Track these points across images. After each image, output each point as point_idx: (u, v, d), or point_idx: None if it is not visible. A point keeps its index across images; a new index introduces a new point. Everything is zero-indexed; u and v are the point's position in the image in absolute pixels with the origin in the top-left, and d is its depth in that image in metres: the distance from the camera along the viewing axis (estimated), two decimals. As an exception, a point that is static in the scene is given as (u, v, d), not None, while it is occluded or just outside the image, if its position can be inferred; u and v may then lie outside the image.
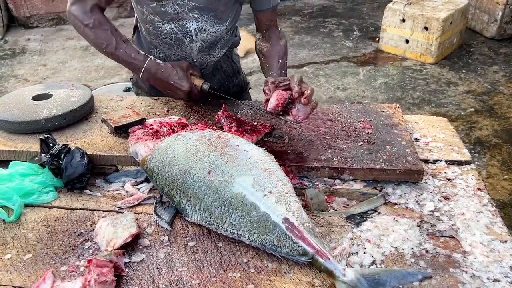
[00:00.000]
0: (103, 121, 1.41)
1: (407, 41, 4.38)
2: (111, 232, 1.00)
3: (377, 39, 4.78)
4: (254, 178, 1.05)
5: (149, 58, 1.40)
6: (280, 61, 1.44)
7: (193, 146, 1.12)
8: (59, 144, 1.20)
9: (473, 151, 3.03)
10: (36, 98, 1.46)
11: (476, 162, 2.92)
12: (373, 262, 0.96)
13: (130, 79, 1.76)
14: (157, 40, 1.48)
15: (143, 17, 1.45)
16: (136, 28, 1.61)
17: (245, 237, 0.99)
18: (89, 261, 0.90)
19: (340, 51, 4.69)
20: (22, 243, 1.03)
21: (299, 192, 1.14)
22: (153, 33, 1.47)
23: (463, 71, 4.17)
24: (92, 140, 1.33)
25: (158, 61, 1.42)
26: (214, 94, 1.43)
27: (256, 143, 1.24)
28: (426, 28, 4.19)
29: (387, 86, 3.94)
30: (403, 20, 4.34)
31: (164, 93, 1.48)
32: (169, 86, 1.40)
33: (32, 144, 1.30)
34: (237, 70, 1.74)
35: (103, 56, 1.64)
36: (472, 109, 3.55)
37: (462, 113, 3.51)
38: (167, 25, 1.42)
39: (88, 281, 0.87)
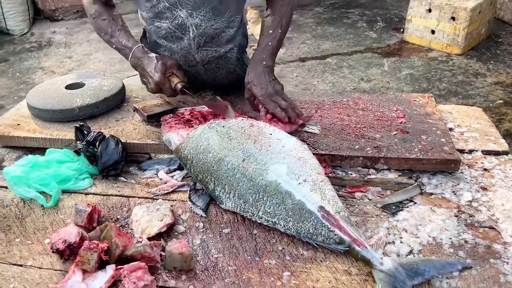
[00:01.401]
0: (135, 110, 1.42)
1: (433, 32, 4.28)
2: (147, 220, 1.01)
3: (401, 30, 4.69)
4: (288, 166, 1.05)
5: (137, 46, 1.37)
6: (270, 32, 1.36)
7: (226, 134, 1.13)
8: (94, 131, 1.22)
9: (502, 144, 2.95)
10: (69, 87, 1.49)
11: (506, 155, 2.85)
12: (411, 252, 0.95)
13: None
14: (159, 40, 1.47)
15: (144, 19, 1.45)
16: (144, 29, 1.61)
17: (280, 225, 0.99)
18: (118, 268, 0.90)
19: (364, 42, 4.62)
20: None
21: (332, 181, 1.13)
22: (154, 33, 1.46)
23: (491, 62, 4.06)
24: (125, 128, 1.34)
25: (146, 51, 1.37)
26: (187, 93, 1.33)
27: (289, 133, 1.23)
28: (453, 18, 4.09)
29: (413, 78, 3.86)
30: (429, 10, 4.24)
31: (142, 83, 1.43)
32: (144, 74, 1.35)
33: (67, 132, 1.33)
34: None
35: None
36: (501, 101, 3.46)
37: (491, 104, 3.42)
38: (164, 24, 1.41)
39: None
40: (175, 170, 1.23)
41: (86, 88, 1.46)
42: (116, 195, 1.14)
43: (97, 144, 1.20)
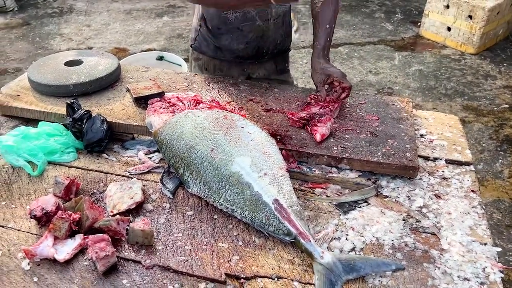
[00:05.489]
0: (127, 90, 1.51)
1: (449, 29, 4.24)
2: (119, 196, 1.11)
3: (418, 23, 4.65)
4: (252, 160, 1.13)
5: None
6: (327, 27, 1.50)
7: (200, 124, 1.21)
8: (82, 110, 1.31)
9: (499, 149, 2.97)
10: (69, 63, 1.58)
11: (500, 161, 2.88)
12: (353, 249, 1.03)
13: (191, 45, 1.79)
14: None
15: None
16: None
17: (237, 213, 1.08)
18: (85, 237, 1.00)
19: (379, 34, 4.60)
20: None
21: (296, 176, 1.21)
22: None
23: (505, 64, 4.02)
24: (114, 108, 1.43)
25: None
26: None
27: None
28: (470, 17, 4.04)
29: (421, 74, 3.86)
30: (447, 6, 4.19)
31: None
32: None
33: (60, 107, 1.42)
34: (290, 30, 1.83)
35: (144, 21, 1.70)
36: (506, 105, 3.45)
37: (495, 108, 3.42)
38: None
39: (90, 258, 0.97)
40: (154, 152, 1.32)
41: (82, 66, 1.55)
42: (95, 170, 1.24)
43: (84, 121, 1.29)
